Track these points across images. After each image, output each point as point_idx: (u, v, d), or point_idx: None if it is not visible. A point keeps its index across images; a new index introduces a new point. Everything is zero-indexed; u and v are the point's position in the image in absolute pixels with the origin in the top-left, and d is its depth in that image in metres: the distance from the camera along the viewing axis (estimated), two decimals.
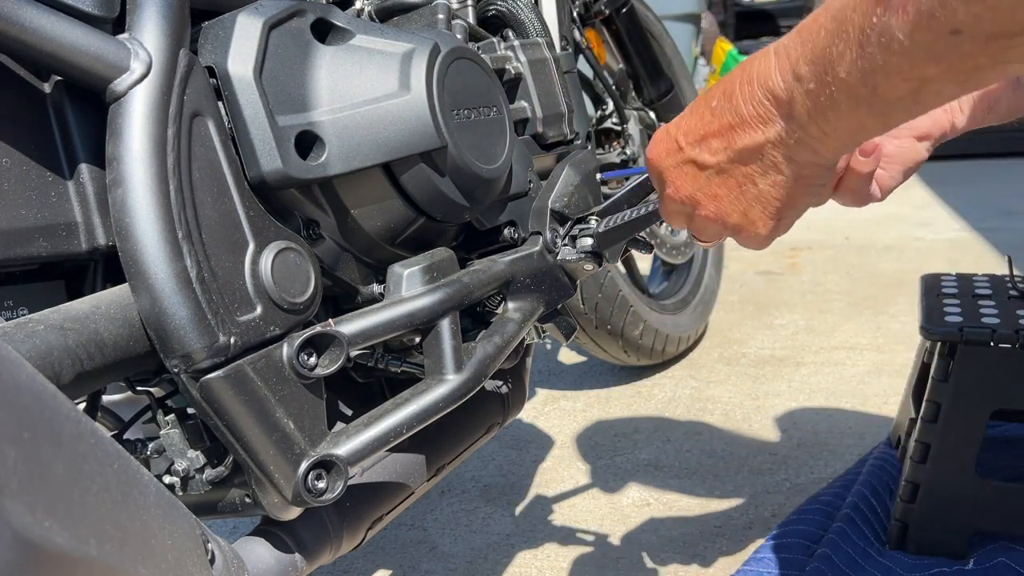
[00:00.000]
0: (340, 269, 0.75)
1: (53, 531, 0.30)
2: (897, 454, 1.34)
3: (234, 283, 0.60)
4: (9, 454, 0.28)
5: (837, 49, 0.45)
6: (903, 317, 1.96)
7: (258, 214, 0.63)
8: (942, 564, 1.08)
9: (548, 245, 0.86)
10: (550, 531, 1.31)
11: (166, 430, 0.63)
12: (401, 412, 0.68)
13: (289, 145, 0.64)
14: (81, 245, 0.59)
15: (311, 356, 0.64)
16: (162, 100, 0.58)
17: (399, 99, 0.70)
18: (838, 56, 0.45)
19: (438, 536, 1.33)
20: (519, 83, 0.92)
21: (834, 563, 1.07)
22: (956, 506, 1.09)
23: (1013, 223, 2.62)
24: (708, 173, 0.57)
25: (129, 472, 0.39)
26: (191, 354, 0.57)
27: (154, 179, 0.56)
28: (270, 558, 0.67)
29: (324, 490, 0.64)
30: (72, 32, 0.55)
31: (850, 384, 1.67)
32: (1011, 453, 1.26)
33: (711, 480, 1.40)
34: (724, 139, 0.54)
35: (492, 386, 0.92)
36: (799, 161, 0.52)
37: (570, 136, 0.98)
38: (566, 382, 1.89)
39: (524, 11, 0.96)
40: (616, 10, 1.64)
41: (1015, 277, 1.20)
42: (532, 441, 1.62)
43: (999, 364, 1.05)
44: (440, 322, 0.72)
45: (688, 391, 1.75)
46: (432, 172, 0.73)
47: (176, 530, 0.44)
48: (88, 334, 0.55)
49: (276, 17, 0.65)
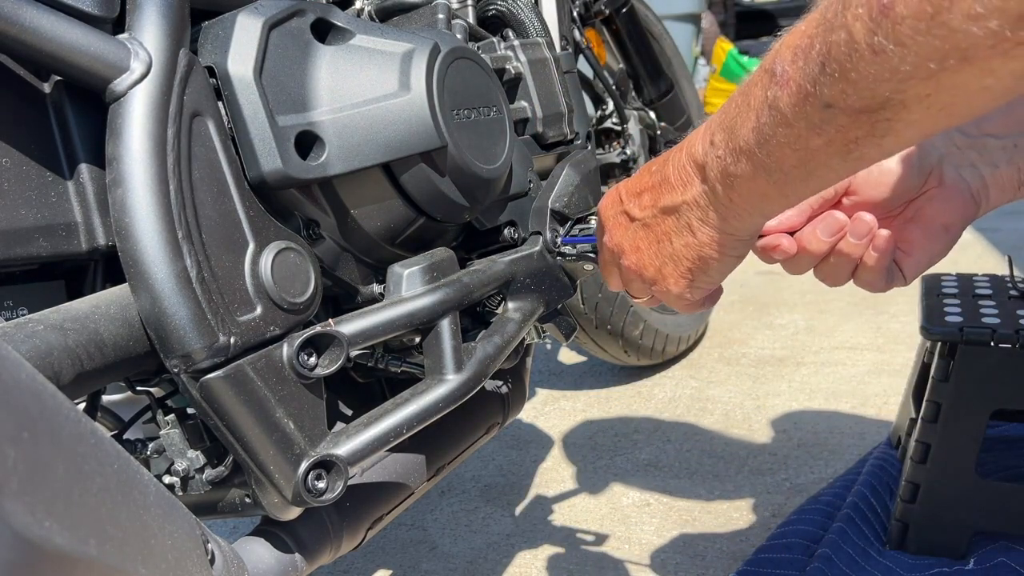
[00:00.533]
0: (340, 269, 0.75)
1: (53, 531, 0.30)
2: (897, 454, 1.34)
3: (234, 283, 0.60)
4: (9, 454, 0.28)
5: (740, 119, 0.49)
6: (903, 317, 1.96)
7: (258, 214, 0.63)
8: (942, 564, 1.08)
9: (548, 245, 0.86)
10: (550, 531, 1.31)
11: (166, 430, 0.63)
12: (401, 412, 0.68)
13: (289, 145, 0.64)
14: (81, 245, 0.59)
15: (311, 356, 0.64)
16: (162, 100, 0.58)
17: (399, 99, 0.70)
18: (741, 125, 0.49)
19: (438, 536, 1.33)
20: (519, 83, 0.92)
21: (834, 563, 1.07)
22: (956, 506, 1.09)
23: (1013, 223, 2.62)
24: (635, 225, 0.62)
25: (129, 472, 0.39)
26: (191, 354, 0.57)
27: (154, 179, 0.56)
28: (270, 558, 0.67)
29: (324, 490, 0.64)
30: (72, 32, 0.55)
31: (850, 384, 1.67)
32: (1011, 453, 1.26)
33: (711, 480, 1.40)
34: (652, 196, 0.59)
35: (492, 386, 0.92)
36: (710, 225, 0.56)
37: (570, 136, 0.98)
38: (566, 382, 1.89)
39: (524, 11, 0.96)
40: (616, 10, 1.64)
41: (1015, 277, 1.20)
42: (532, 441, 1.62)
43: (999, 364, 1.05)
44: (440, 322, 0.72)
45: (688, 391, 1.75)
46: (432, 172, 0.73)
47: (176, 530, 0.44)
48: (88, 334, 0.55)
49: (276, 17, 0.65)
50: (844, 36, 0.39)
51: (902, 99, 0.39)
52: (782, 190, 0.50)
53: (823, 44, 0.41)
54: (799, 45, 0.43)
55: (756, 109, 0.47)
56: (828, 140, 0.44)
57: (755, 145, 0.48)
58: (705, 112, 2.14)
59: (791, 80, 0.44)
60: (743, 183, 0.51)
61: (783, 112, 0.45)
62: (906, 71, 0.38)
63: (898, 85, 0.39)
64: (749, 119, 0.48)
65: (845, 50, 0.39)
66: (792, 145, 0.46)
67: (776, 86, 0.45)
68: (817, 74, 0.42)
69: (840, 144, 0.44)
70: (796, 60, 0.43)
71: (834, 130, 0.43)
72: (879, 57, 0.38)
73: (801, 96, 0.43)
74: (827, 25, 0.41)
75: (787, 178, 0.48)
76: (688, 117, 1.90)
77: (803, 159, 0.46)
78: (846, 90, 0.41)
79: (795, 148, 0.46)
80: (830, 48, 0.40)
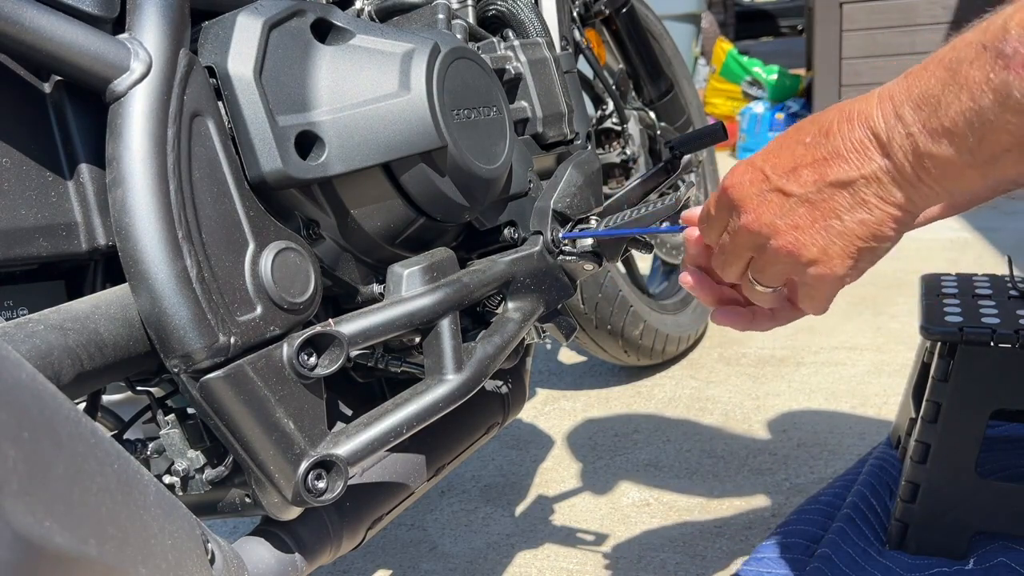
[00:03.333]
0: (340, 269, 0.75)
1: (53, 531, 0.30)
2: (897, 454, 1.34)
3: (234, 283, 0.60)
4: (9, 454, 0.28)
5: (946, 98, 0.45)
6: (903, 317, 1.96)
7: (258, 214, 0.63)
8: (942, 564, 1.08)
9: (549, 245, 0.86)
10: (550, 531, 1.31)
11: (166, 430, 0.63)
12: (401, 412, 0.68)
13: (289, 145, 0.64)
14: (81, 245, 0.59)
15: (311, 356, 0.64)
16: (162, 100, 0.58)
17: (399, 99, 0.70)
18: (946, 105, 0.45)
19: (438, 536, 1.33)
20: (519, 83, 0.92)
21: (834, 563, 1.07)
22: (956, 506, 1.09)
23: (1013, 223, 2.62)
24: (793, 201, 0.56)
25: (129, 472, 0.39)
26: (191, 354, 0.57)
27: (154, 179, 0.56)
28: (270, 558, 0.67)
29: (324, 490, 0.64)
30: (72, 32, 0.55)
31: (850, 384, 1.67)
32: (1011, 453, 1.26)
33: (711, 480, 1.40)
34: (816, 171, 0.54)
35: (492, 386, 0.92)
36: (890, 203, 0.52)
37: (570, 136, 0.98)
38: (566, 382, 1.89)
39: (524, 11, 0.96)
40: (616, 10, 1.64)
41: (1015, 277, 1.20)
42: (532, 441, 1.62)
43: (999, 364, 1.05)
44: (440, 322, 0.72)
45: (688, 391, 1.75)
46: (432, 172, 0.73)
47: (176, 530, 0.44)
48: (88, 334, 0.55)
49: (276, 17, 0.65)
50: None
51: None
52: (983, 173, 0.47)
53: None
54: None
55: (972, 90, 0.43)
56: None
57: (965, 127, 0.45)
58: (705, 112, 2.14)
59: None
60: (939, 165, 0.48)
61: (1015, 99, 0.41)
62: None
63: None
64: (960, 99, 0.44)
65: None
66: (1013, 132, 0.43)
67: (1008, 69, 0.41)
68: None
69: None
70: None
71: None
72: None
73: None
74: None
75: (995, 163, 0.45)
76: (688, 117, 1.90)
77: (1020, 145, 0.43)
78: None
79: (1016, 135, 0.43)
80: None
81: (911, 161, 0.49)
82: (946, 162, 0.47)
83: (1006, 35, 0.42)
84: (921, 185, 0.50)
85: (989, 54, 0.43)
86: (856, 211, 0.53)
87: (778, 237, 0.57)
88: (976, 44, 0.44)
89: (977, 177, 0.48)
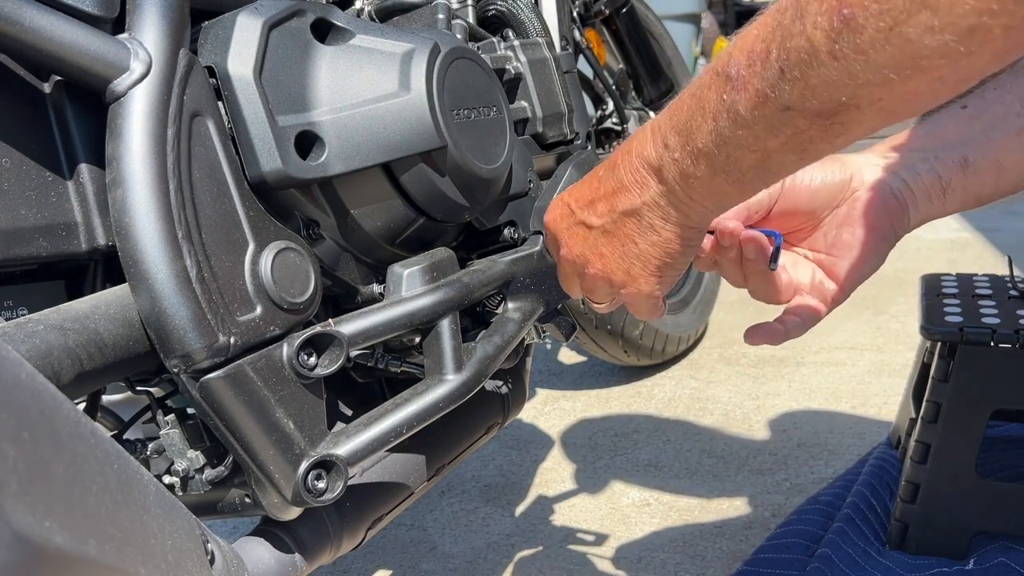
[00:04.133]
0: (340, 269, 0.75)
1: (53, 531, 0.30)
2: (897, 454, 1.34)
3: (234, 283, 0.60)
4: (9, 454, 0.28)
5: (695, 122, 0.50)
6: (903, 317, 1.96)
7: (258, 214, 0.63)
8: (942, 564, 1.08)
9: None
10: (550, 531, 1.31)
11: (166, 430, 0.63)
12: (401, 412, 0.68)
13: (289, 145, 0.64)
14: (81, 245, 0.59)
15: (311, 356, 0.64)
16: (162, 100, 0.58)
17: (399, 99, 0.70)
18: (697, 128, 0.50)
19: (438, 536, 1.33)
20: (519, 83, 0.92)
21: (834, 563, 1.07)
22: (956, 506, 1.09)
23: (1013, 223, 2.62)
24: (595, 233, 0.62)
25: (129, 472, 0.39)
26: (191, 354, 0.57)
27: (154, 179, 0.56)
28: (270, 558, 0.67)
29: (324, 490, 0.64)
30: (72, 32, 0.55)
31: (850, 384, 1.67)
32: (1011, 453, 1.26)
33: (711, 480, 1.40)
34: (608, 202, 0.60)
35: (492, 386, 0.92)
36: (672, 223, 0.57)
37: (570, 136, 0.98)
38: (566, 382, 1.89)
39: (524, 11, 0.96)
40: (616, 10, 1.64)
41: (1015, 277, 1.20)
42: (532, 441, 1.62)
43: (999, 364, 1.05)
44: (440, 322, 0.72)
45: (688, 391, 1.75)
46: (432, 172, 0.73)
47: (176, 530, 0.44)
48: (88, 334, 0.55)
49: (276, 17, 0.65)
50: (804, 43, 0.41)
51: (857, 103, 0.42)
52: (740, 187, 0.52)
53: (781, 50, 0.43)
54: (755, 50, 0.45)
55: (712, 112, 0.49)
56: (785, 141, 0.46)
57: (713, 147, 0.50)
58: None
59: (749, 84, 0.45)
60: (702, 183, 0.52)
61: (742, 115, 0.47)
62: (864, 78, 0.40)
63: (855, 90, 0.41)
64: (705, 122, 0.49)
65: (805, 56, 0.41)
66: (751, 146, 0.48)
67: (734, 90, 0.46)
68: (776, 79, 0.44)
69: (796, 143, 0.46)
70: (753, 65, 0.45)
71: (791, 131, 0.45)
72: (839, 63, 0.40)
73: (760, 99, 0.45)
74: (784, 31, 0.43)
75: (745, 176, 0.50)
76: None
77: (760, 159, 0.48)
78: (805, 94, 0.43)
79: (753, 149, 0.48)
80: (789, 54, 0.42)
81: (680, 184, 0.54)
82: (707, 181, 0.52)
83: (731, 60, 0.47)
84: (693, 204, 0.54)
85: (720, 79, 0.48)
86: (646, 234, 0.58)
87: (590, 265, 0.64)
88: (712, 71, 0.49)
89: (736, 192, 0.53)
